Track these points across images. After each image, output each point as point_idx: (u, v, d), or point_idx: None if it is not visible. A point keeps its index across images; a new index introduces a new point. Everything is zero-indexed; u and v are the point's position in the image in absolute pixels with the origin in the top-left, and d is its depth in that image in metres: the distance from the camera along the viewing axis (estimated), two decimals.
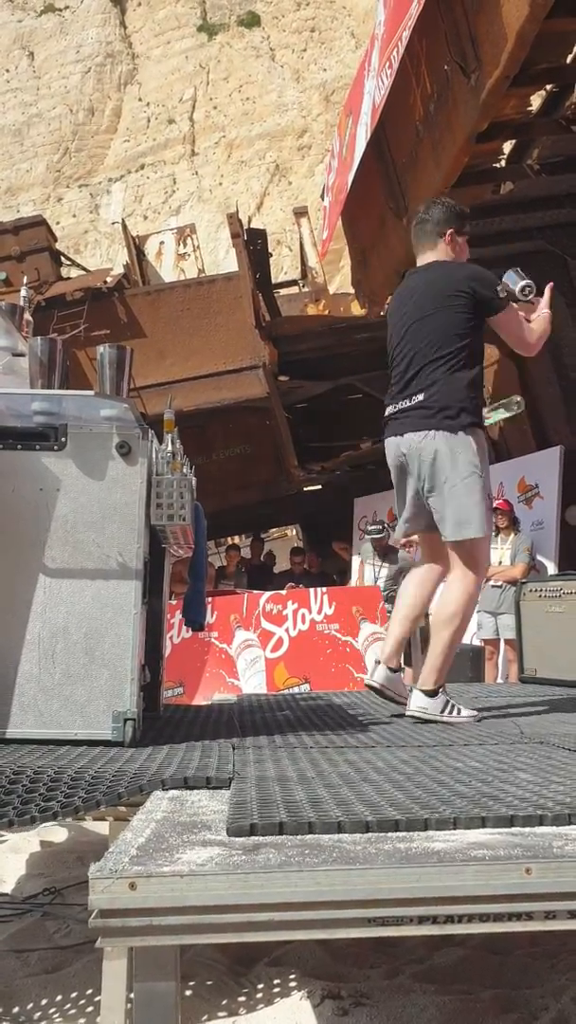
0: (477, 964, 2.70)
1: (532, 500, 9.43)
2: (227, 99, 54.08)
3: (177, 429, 3.20)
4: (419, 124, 6.90)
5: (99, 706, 2.84)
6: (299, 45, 54.22)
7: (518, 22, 5.14)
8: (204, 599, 3.88)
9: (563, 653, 4.96)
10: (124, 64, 57.34)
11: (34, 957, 2.91)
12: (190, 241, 12.16)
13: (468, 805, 1.79)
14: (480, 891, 1.34)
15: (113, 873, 1.34)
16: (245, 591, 9.39)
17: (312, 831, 1.61)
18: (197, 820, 1.77)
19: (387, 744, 2.88)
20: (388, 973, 2.64)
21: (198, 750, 2.71)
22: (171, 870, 1.36)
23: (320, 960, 2.73)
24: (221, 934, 1.35)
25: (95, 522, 2.89)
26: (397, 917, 1.35)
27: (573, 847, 1.47)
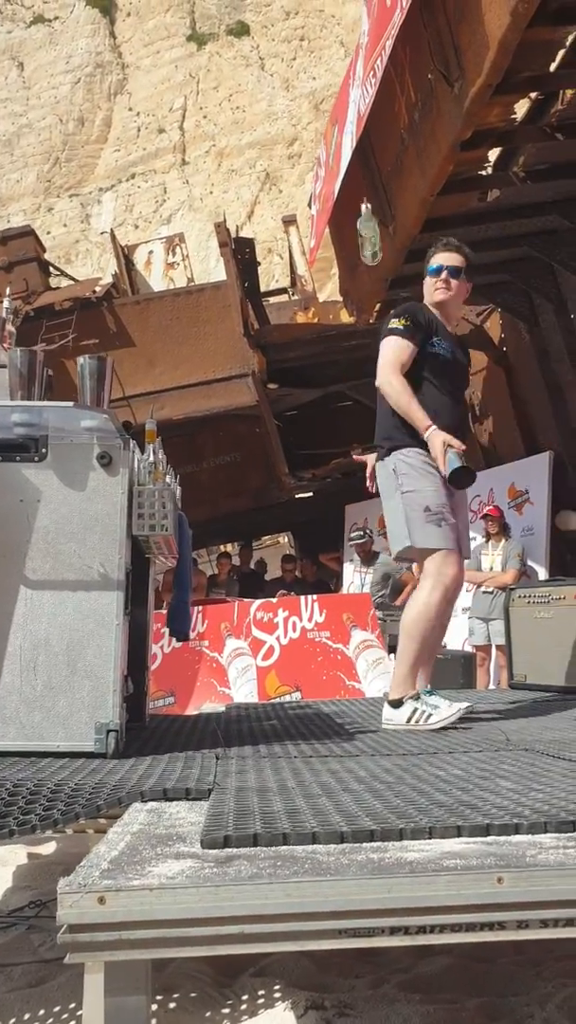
0: (462, 973, 2.69)
1: (522, 506, 9.44)
2: (217, 108, 54.26)
3: (166, 438, 3.20)
4: (404, 132, 6.90)
5: (81, 718, 2.84)
6: (288, 54, 54.44)
7: (500, 31, 5.15)
8: (188, 609, 3.88)
9: (552, 659, 4.97)
10: (114, 74, 57.50)
11: (18, 971, 2.89)
12: (179, 250, 12.17)
13: (445, 814, 1.78)
14: (451, 901, 1.34)
15: (82, 888, 1.33)
16: (236, 599, 9.38)
17: (287, 842, 1.60)
18: (173, 832, 1.76)
19: (371, 753, 2.88)
20: (373, 983, 2.63)
21: (181, 761, 2.71)
22: (141, 883, 1.35)
23: (305, 970, 2.72)
24: (192, 947, 1.34)
25: (76, 533, 2.89)
26: (369, 928, 1.35)
27: (546, 856, 1.47)
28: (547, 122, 6.90)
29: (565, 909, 1.34)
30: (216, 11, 57.06)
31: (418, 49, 6.28)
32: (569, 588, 4.99)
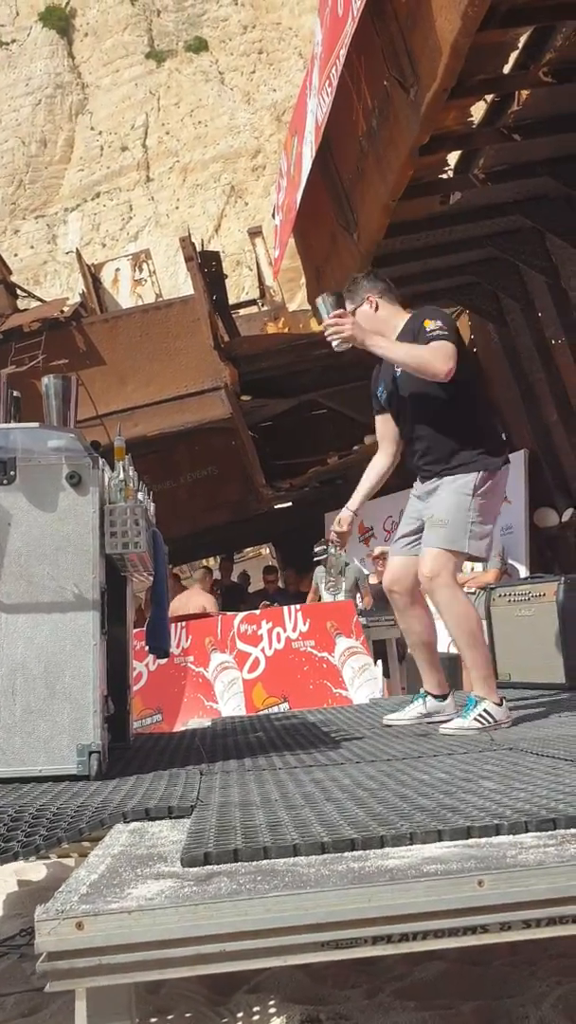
0: (457, 977, 2.68)
1: None
2: (179, 124, 54.38)
3: (141, 455, 3.19)
4: (363, 140, 6.95)
5: (63, 740, 2.81)
6: (247, 67, 54.67)
7: (451, 35, 5.20)
8: (167, 626, 3.85)
9: (534, 656, 4.98)
10: (74, 94, 57.53)
11: (10, 1001, 2.85)
12: (146, 266, 12.17)
13: (427, 819, 1.78)
14: (432, 907, 1.33)
15: (59, 914, 1.31)
16: (219, 613, 9.35)
17: (267, 856, 1.59)
18: (154, 852, 1.75)
19: (356, 760, 2.87)
20: (368, 992, 2.61)
21: (165, 779, 2.69)
22: (119, 906, 1.34)
23: (299, 984, 2.70)
24: (173, 968, 1.33)
25: (49, 554, 2.87)
26: (351, 939, 1.33)
27: (527, 855, 1.47)
28: (504, 124, 6.97)
29: (546, 908, 1.34)
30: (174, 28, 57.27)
31: (372, 57, 6.33)
32: (549, 585, 5.01)
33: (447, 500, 3.48)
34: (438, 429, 3.52)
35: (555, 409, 9.09)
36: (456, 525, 3.44)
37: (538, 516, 9.41)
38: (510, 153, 7.36)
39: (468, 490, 3.45)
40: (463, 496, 3.45)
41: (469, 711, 3.43)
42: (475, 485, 3.45)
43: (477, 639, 3.54)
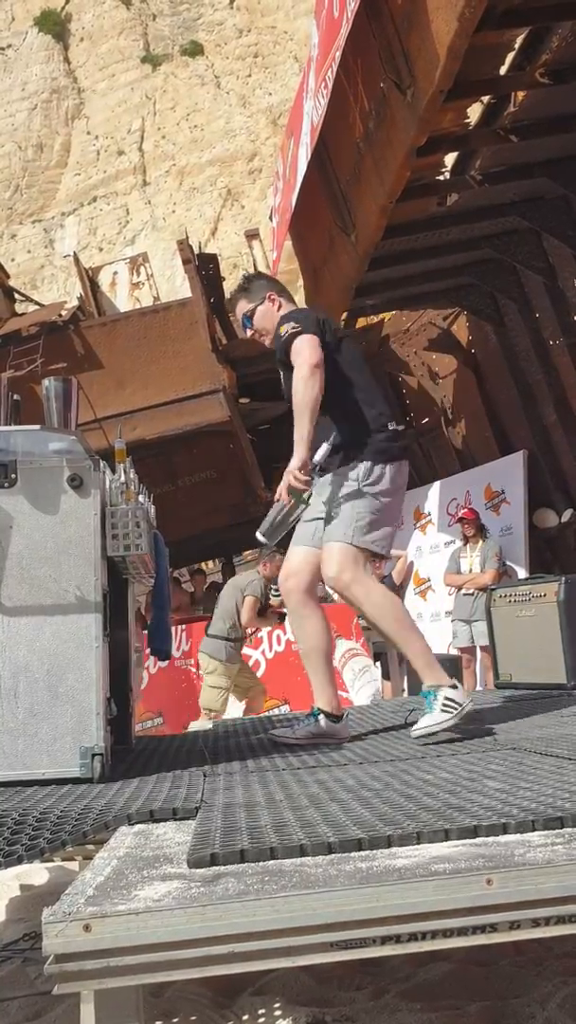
0: (463, 977, 2.67)
1: (499, 506, 9.48)
2: (175, 128, 54.39)
3: (141, 458, 3.18)
4: (360, 142, 6.95)
5: (66, 743, 2.80)
6: (243, 71, 54.69)
7: (448, 37, 5.20)
8: (169, 628, 3.85)
9: (536, 656, 4.97)
10: (70, 99, 57.53)
11: (15, 1005, 2.84)
12: (143, 270, 12.17)
13: (433, 818, 1.77)
14: (441, 906, 1.33)
15: (67, 916, 1.31)
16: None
17: (274, 856, 1.58)
18: (160, 854, 1.74)
19: (359, 761, 2.86)
20: (373, 994, 2.60)
21: (168, 781, 2.68)
22: (127, 908, 1.33)
23: (305, 985, 2.69)
24: (181, 970, 1.32)
25: (50, 557, 2.86)
26: (360, 939, 1.33)
27: (535, 854, 1.46)
28: (501, 125, 6.98)
29: (555, 907, 1.34)
30: (169, 32, 57.28)
31: (369, 59, 6.33)
32: (549, 585, 5.01)
33: (334, 493, 3.33)
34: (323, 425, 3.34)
35: (554, 410, 9.09)
36: (344, 519, 3.28)
37: (537, 517, 9.41)
38: (507, 154, 7.37)
39: (353, 483, 3.30)
40: (349, 488, 3.30)
41: (431, 705, 3.21)
42: (359, 477, 3.30)
43: (405, 626, 3.32)
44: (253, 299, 3.52)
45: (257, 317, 3.51)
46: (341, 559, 3.24)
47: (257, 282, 3.59)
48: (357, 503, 3.28)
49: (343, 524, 3.27)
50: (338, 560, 3.25)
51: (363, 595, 3.26)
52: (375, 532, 3.29)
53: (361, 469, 3.31)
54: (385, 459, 3.34)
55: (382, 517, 3.33)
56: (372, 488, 3.30)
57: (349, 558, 3.24)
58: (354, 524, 3.26)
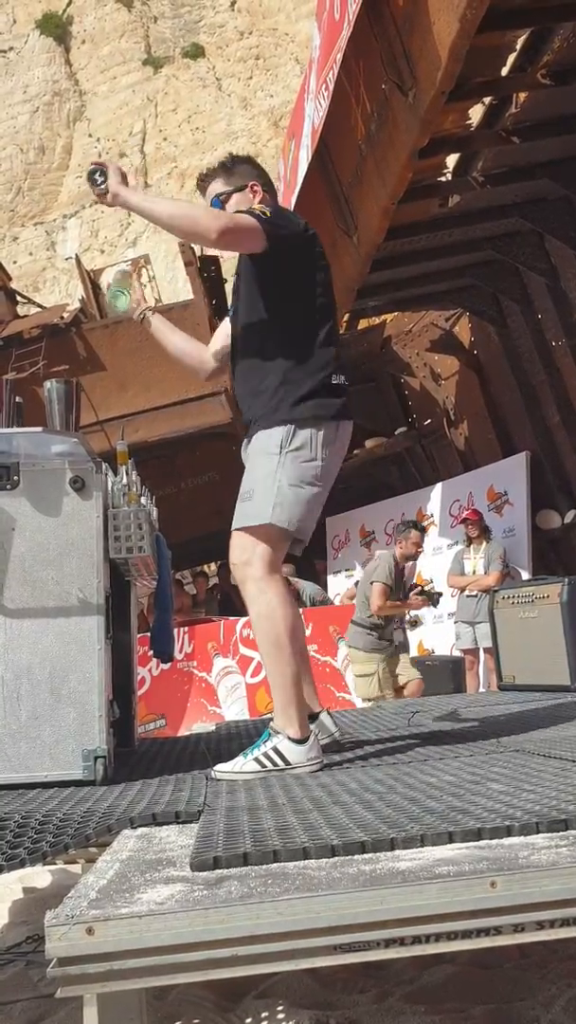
0: (467, 980, 2.67)
1: (502, 508, 9.47)
2: (177, 130, 54.47)
3: (143, 460, 3.17)
4: (362, 143, 6.96)
5: (68, 746, 2.80)
6: (244, 73, 54.76)
7: (449, 38, 5.20)
8: (171, 630, 3.85)
9: (539, 658, 4.97)
10: (72, 101, 57.63)
11: (17, 1008, 2.84)
12: (145, 272, 12.17)
13: (437, 821, 1.77)
14: (445, 909, 1.32)
15: (69, 919, 1.30)
16: (221, 618, 9.35)
17: (277, 859, 1.58)
18: (163, 857, 1.74)
19: (362, 764, 2.86)
20: (377, 997, 2.60)
21: (171, 784, 2.68)
22: (129, 911, 1.33)
23: (308, 989, 2.68)
24: (185, 973, 1.32)
25: (53, 559, 2.86)
26: (363, 942, 1.32)
27: (539, 856, 1.46)
28: (503, 126, 6.98)
29: (560, 909, 1.33)
30: (170, 34, 57.38)
31: (370, 60, 6.33)
32: (552, 587, 5.00)
33: (253, 461, 2.78)
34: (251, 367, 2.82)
35: (557, 411, 9.09)
36: (262, 493, 2.72)
37: (540, 518, 9.40)
38: (509, 155, 7.37)
39: (274, 448, 2.73)
40: (269, 455, 2.73)
41: (253, 747, 2.74)
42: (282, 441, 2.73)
43: (281, 650, 2.72)
44: (232, 182, 2.93)
45: (231, 204, 2.89)
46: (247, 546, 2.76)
47: (243, 166, 2.99)
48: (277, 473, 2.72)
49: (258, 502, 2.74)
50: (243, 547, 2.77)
51: (255, 595, 2.75)
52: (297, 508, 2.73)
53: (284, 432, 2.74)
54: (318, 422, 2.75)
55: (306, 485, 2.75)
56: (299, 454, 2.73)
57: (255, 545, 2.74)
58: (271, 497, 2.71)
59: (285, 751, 2.69)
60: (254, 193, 2.92)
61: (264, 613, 2.74)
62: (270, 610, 2.73)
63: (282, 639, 2.73)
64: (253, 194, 2.92)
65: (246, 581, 2.77)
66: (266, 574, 2.73)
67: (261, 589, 2.74)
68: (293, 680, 2.74)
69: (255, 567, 2.74)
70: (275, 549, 2.75)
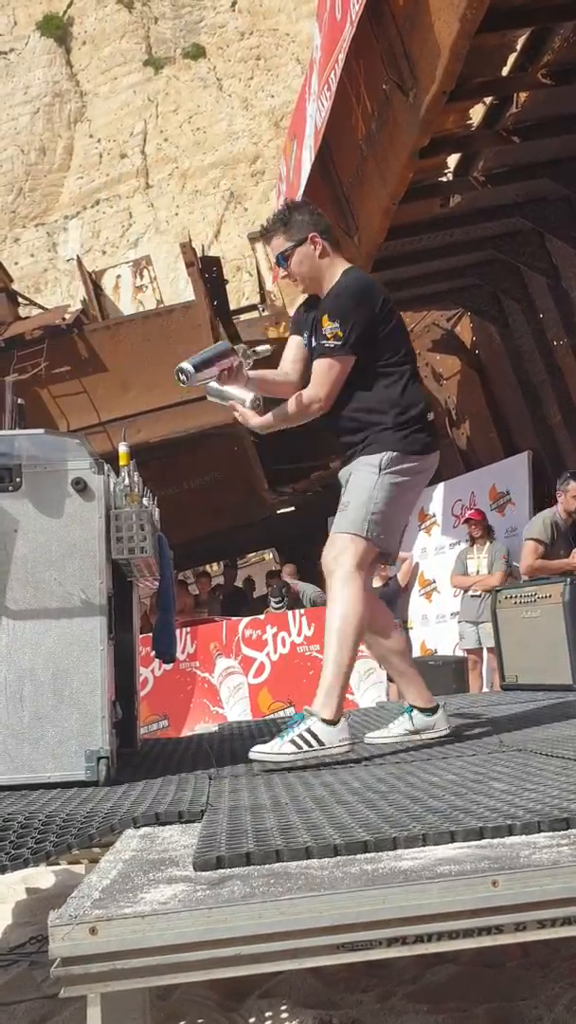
0: (469, 979, 2.67)
1: (504, 507, 9.47)
2: (178, 130, 54.50)
3: (144, 461, 3.18)
4: (362, 143, 6.96)
5: (71, 746, 2.81)
6: (245, 73, 54.78)
7: (450, 38, 5.21)
8: (173, 631, 3.85)
9: (542, 657, 4.97)
10: (73, 102, 57.68)
11: (21, 1008, 2.84)
12: (147, 273, 12.19)
13: (439, 820, 1.77)
14: (447, 908, 1.32)
15: (72, 919, 1.31)
16: (223, 618, 9.35)
17: (280, 859, 1.58)
18: (166, 857, 1.74)
19: (365, 764, 2.86)
20: (380, 996, 2.60)
21: (174, 784, 2.68)
22: (133, 911, 1.33)
23: (312, 988, 2.69)
24: (188, 972, 1.32)
25: (55, 561, 2.87)
26: (366, 941, 1.33)
27: (541, 855, 1.46)
28: (503, 126, 6.98)
29: (561, 908, 1.33)
30: (171, 35, 57.41)
31: (371, 60, 6.34)
32: (554, 586, 5.00)
33: (354, 481, 3.11)
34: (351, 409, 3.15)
35: (558, 410, 9.08)
36: (357, 506, 3.06)
37: None
38: (509, 155, 7.37)
39: (373, 470, 3.07)
40: (368, 475, 3.08)
41: (288, 728, 2.94)
42: (381, 465, 3.08)
43: (346, 639, 3.01)
44: (292, 236, 3.15)
45: (295, 261, 3.16)
46: (340, 547, 3.06)
47: (299, 216, 3.17)
48: (374, 490, 3.06)
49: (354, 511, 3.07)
50: (338, 547, 3.07)
51: (339, 586, 3.03)
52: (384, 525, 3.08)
53: (384, 457, 3.09)
54: (408, 449, 3.11)
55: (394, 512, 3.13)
56: (394, 478, 3.09)
57: (349, 546, 3.05)
58: (367, 512, 3.05)
59: (318, 732, 2.89)
60: (314, 245, 3.14)
61: (340, 603, 3.03)
62: (347, 603, 3.02)
63: (349, 631, 3.02)
64: (314, 246, 3.14)
65: (334, 573, 3.06)
66: (352, 572, 3.04)
67: (344, 583, 3.03)
68: (346, 670, 3.06)
69: (344, 565, 3.04)
70: (364, 554, 3.07)
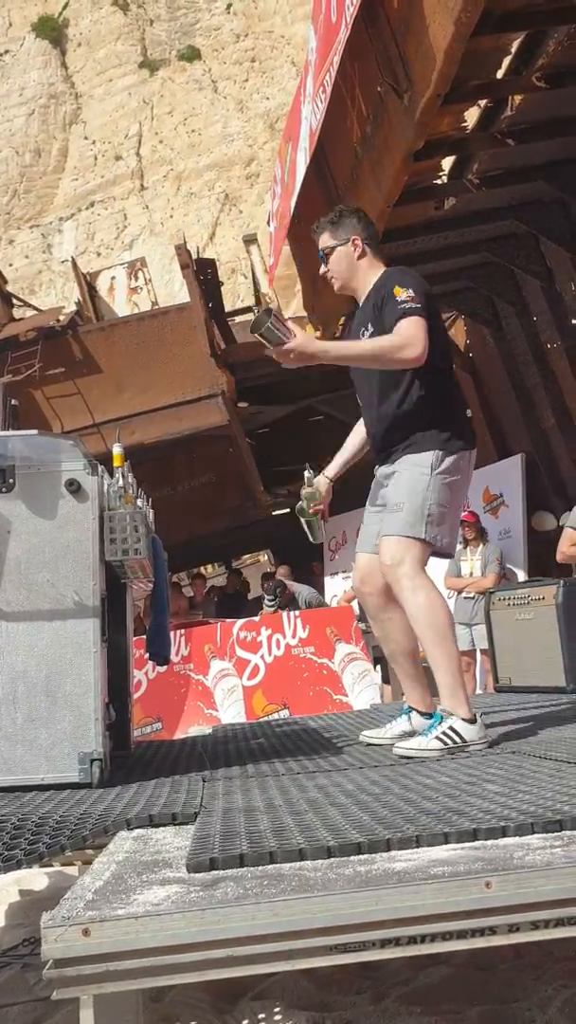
0: (462, 981, 2.67)
1: (498, 509, 9.49)
2: (173, 132, 54.47)
3: (139, 462, 3.17)
4: (357, 146, 6.97)
5: (64, 748, 2.80)
6: (240, 76, 54.79)
7: (445, 41, 5.21)
8: (167, 633, 3.85)
9: (534, 660, 4.98)
10: (68, 104, 57.62)
11: (14, 1011, 2.84)
12: (141, 275, 12.18)
13: (432, 822, 1.77)
14: (440, 909, 1.33)
15: (66, 921, 1.30)
16: (218, 620, 9.34)
17: (273, 861, 1.58)
18: (159, 858, 1.74)
19: (359, 765, 2.86)
20: (373, 998, 2.60)
21: (167, 786, 2.68)
22: (126, 912, 1.33)
23: (304, 990, 2.68)
24: (181, 974, 1.32)
25: (49, 562, 2.86)
26: (359, 942, 1.33)
27: (534, 857, 1.46)
28: (498, 129, 6.98)
29: (555, 909, 1.34)
30: (166, 37, 57.39)
31: (366, 63, 6.35)
32: (548, 588, 5.01)
33: (403, 481, 3.13)
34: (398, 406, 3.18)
35: (552, 414, 9.10)
36: (413, 508, 3.07)
37: (536, 520, 9.41)
38: (504, 158, 7.38)
39: (426, 469, 3.10)
40: (420, 476, 3.09)
41: (431, 728, 3.02)
42: (432, 464, 3.10)
43: (445, 637, 3.06)
44: (337, 236, 3.26)
45: (334, 258, 3.26)
46: (400, 549, 3.05)
47: (349, 219, 3.29)
48: (428, 491, 3.08)
49: (409, 513, 3.07)
50: (397, 550, 3.06)
51: (410, 591, 3.03)
52: (442, 527, 3.10)
53: (434, 456, 3.11)
54: (457, 448, 3.14)
55: (449, 511, 3.14)
56: (445, 478, 3.11)
57: (409, 549, 3.05)
58: (424, 513, 3.06)
59: (461, 730, 2.96)
60: (355, 247, 3.25)
61: (424, 605, 3.04)
62: (429, 602, 3.05)
63: (443, 627, 3.06)
64: (354, 248, 3.25)
65: (400, 579, 3.06)
66: (417, 573, 3.06)
67: (416, 586, 3.05)
68: (457, 664, 3.09)
69: (407, 567, 3.04)
70: (423, 555, 3.09)
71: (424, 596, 3.04)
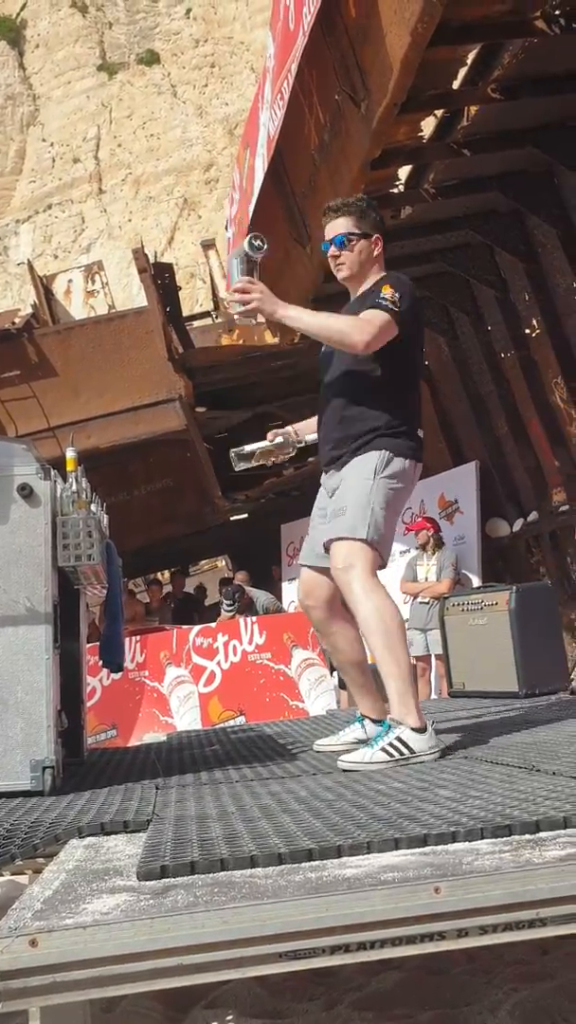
0: (415, 986, 2.68)
1: (453, 515, 9.56)
2: (131, 136, 54.28)
3: (96, 467, 3.14)
4: (315, 153, 7.00)
5: (15, 756, 2.77)
6: (200, 81, 54.77)
7: (401, 51, 5.26)
8: (121, 640, 3.82)
9: (488, 665, 5.02)
10: (25, 106, 57.17)
11: None
12: (98, 278, 12.11)
13: (384, 828, 1.78)
14: (389, 915, 1.33)
15: (12, 931, 1.29)
16: (173, 627, 9.30)
17: (224, 868, 1.58)
18: (110, 867, 1.73)
19: (312, 772, 2.87)
20: (326, 1004, 2.60)
21: (120, 794, 2.66)
22: (74, 922, 1.32)
23: (257, 997, 2.68)
24: (130, 984, 1.31)
25: (0, 567, 2.83)
26: (309, 949, 1.33)
27: (483, 861, 1.47)
28: (454, 139, 7.05)
29: (502, 914, 1.35)
30: (126, 40, 57.20)
31: (324, 71, 6.38)
32: (501, 594, 5.06)
33: (349, 485, 3.09)
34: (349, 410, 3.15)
35: (505, 422, 9.19)
36: (356, 511, 3.02)
37: (489, 527, 9.51)
38: (460, 168, 7.45)
39: (370, 472, 3.05)
40: (364, 480, 3.05)
41: (379, 738, 2.92)
42: (377, 467, 3.05)
43: (396, 643, 2.97)
44: (361, 227, 3.20)
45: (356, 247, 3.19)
46: (351, 552, 2.99)
47: (373, 215, 3.25)
48: (372, 493, 3.03)
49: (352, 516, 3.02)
50: (347, 553, 2.99)
51: (361, 596, 2.98)
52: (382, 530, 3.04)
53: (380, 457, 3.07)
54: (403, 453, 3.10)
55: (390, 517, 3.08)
56: (389, 482, 3.06)
57: (359, 552, 2.99)
58: (367, 515, 3.01)
59: (408, 740, 2.88)
60: (376, 246, 3.23)
61: (375, 610, 2.97)
62: (380, 608, 2.98)
63: (394, 633, 2.99)
64: (375, 246, 3.23)
65: (351, 583, 3.00)
66: (368, 577, 3.00)
67: (367, 589, 2.99)
68: (408, 671, 3.02)
69: (358, 570, 2.99)
70: (372, 558, 3.02)
71: (375, 601, 2.97)
